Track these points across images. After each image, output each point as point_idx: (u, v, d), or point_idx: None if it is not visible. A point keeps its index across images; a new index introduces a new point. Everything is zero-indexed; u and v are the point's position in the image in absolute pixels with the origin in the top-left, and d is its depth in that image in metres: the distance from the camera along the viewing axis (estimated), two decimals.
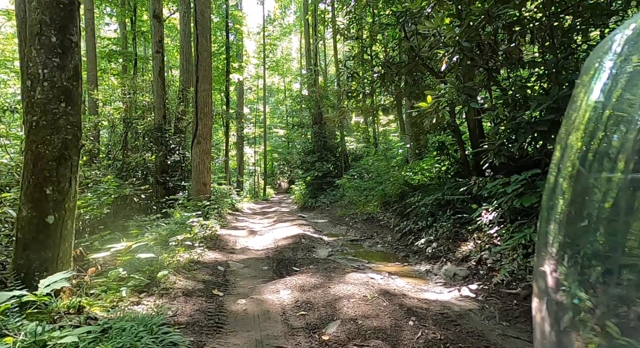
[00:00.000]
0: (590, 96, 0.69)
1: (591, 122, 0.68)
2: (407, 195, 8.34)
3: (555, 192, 0.71)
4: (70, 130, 2.86)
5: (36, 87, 2.74)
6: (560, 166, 0.71)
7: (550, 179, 0.74)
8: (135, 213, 9.18)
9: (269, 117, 35.99)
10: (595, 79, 0.70)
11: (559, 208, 0.70)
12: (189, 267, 4.44)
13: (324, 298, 3.46)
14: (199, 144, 9.50)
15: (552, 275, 0.69)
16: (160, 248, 4.49)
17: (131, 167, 10.78)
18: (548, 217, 0.72)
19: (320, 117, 16.51)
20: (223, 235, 7.13)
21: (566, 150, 0.71)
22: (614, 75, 0.66)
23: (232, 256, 5.60)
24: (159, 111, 12.39)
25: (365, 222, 8.75)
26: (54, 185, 2.80)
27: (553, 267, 0.68)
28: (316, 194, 14.81)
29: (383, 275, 4.39)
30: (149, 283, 3.50)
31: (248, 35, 33.37)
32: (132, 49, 19.39)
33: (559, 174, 0.72)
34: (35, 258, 2.73)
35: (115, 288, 3.28)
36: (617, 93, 0.65)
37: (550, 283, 0.69)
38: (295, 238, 6.76)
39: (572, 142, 0.70)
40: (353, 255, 5.91)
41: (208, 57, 9.79)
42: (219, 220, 9.29)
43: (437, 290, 3.90)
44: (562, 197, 0.71)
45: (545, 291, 0.70)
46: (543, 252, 0.71)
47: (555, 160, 0.73)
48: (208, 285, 3.97)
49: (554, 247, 0.69)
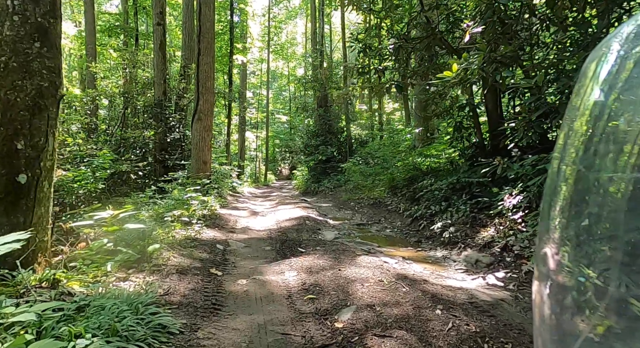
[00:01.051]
0: (595, 83, 0.68)
1: (596, 107, 0.67)
2: (417, 180, 7.93)
3: (559, 177, 0.71)
4: (46, 75, 2.43)
5: (4, 21, 2.30)
6: (564, 153, 0.71)
7: (553, 164, 0.74)
8: (133, 191, 8.79)
9: (271, 102, 35.40)
10: (601, 65, 0.68)
11: (561, 195, 0.71)
12: (185, 244, 4.06)
13: (334, 281, 3.08)
14: (199, 120, 9.05)
15: (554, 258, 0.68)
16: (154, 223, 4.10)
17: (129, 143, 10.34)
18: (551, 202, 0.72)
19: (325, 99, 15.97)
20: (223, 214, 6.76)
21: (570, 137, 0.71)
22: (622, 58, 0.65)
23: (232, 235, 5.22)
24: (159, 87, 11.90)
25: (372, 207, 8.36)
26: (27, 139, 2.38)
27: (555, 250, 0.68)
28: (319, 179, 14.40)
29: (397, 259, 4.01)
30: (139, 258, 3.12)
31: (253, 17, 32.49)
32: (134, 25, 18.75)
33: (562, 160, 0.71)
34: (4, 223, 2.34)
35: (101, 262, 2.90)
36: (624, 75, 0.64)
37: (552, 266, 0.68)
38: (299, 219, 6.38)
39: (576, 127, 0.70)
40: (361, 238, 5.53)
41: (211, 28, 9.24)
42: (219, 200, 8.92)
43: (459, 277, 3.52)
44: (564, 183, 0.71)
45: (547, 274, 0.69)
46: (545, 236, 0.71)
47: (559, 146, 0.73)
48: (205, 263, 3.59)
49: (556, 231, 0.69)
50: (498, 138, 6.26)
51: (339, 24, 32.32)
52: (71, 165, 7.61)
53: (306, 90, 18.98)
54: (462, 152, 7.41)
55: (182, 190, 7.68)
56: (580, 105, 0.68)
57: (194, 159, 9.15)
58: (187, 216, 4.92)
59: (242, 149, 25.52)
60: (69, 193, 7.09)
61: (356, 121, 17.24)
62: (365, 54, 7.38)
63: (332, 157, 14.51)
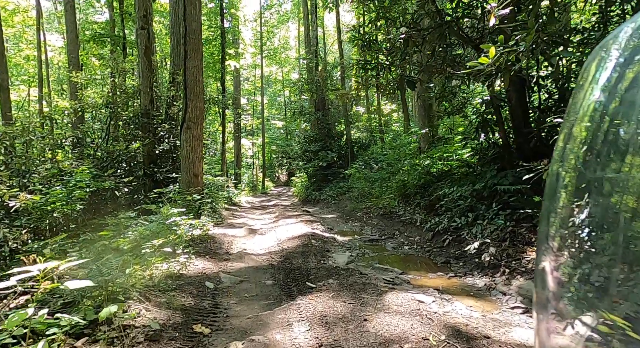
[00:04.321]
0: (594, 86, 0.66)
1: (596, 111, 0.64)
2: (431, 186, 7.15)
3: (558, 181, 0.69)
4: None
5: None
6: (563, 157, 0.69)
7: (552, 168, 0.72)
8: (121, 209, 7.94)
9: (266, 108, 34.71)
10: (600, 71, 0.66)
11: (560, 200, 0.69)
12: (166, 285, 3.23)
13: (360, 340, 2.27)
14: (188, 128, 8.24)
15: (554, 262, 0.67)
16: (126, 260, 3.28)
17: (114, 157, 9.51)
18: (550, 207, 0.72)
19: (323, 102, 15.19)
20: (217, 235, 5.93)
21: (569, 141, 0.69)
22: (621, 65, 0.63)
23: (226, 264, 4.40)
24: (145, 95, 11.11)
25: (383, 218, 7.56)
26: None
27: (554, 254, 0.66)
28: (320, 186, 13.59)
29: (431, 294, 3.20)
30: (94, 320, 2.29)
31: (244, 23, 31.82)
32: (121, 32, 17.98)
33: (562, 164, 0.69)
34: None
35: (41, 329, 2.09)
36: (632, 72, 0.62)
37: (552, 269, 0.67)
38: (303, 238, 5.57)
39: (575, 132, 0.68)
40: (378, 260, 4.72)
41: (198, 29, 8.48)
42: (213, 216, 8.10)
43: (523, 321, 2.71)
44: (564, 190, 0.69)
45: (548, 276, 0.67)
46: (544, 237, 0.71)
47: (558, 149, 0.71)
48: (189, 315, 2.77)
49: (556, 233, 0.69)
50: (526, 136, 5.51)
51: (331, 27, 31.79)
52: (44, 186, 6.78)
53: (302, 93, 18.20)
54: (480, 153, 6.62)
55: (171, 208, 6.87)
56: (580, 108, 0.65)
57: (183, 172, 8.32)
58: (170, 245, 4.10)
59: (239, 157, 24.72)
60: (42, 218, 6.25)
61: (355, 124, 16.46)
62: (369, 48, 6.62)
63: (332, 162, 13.72)
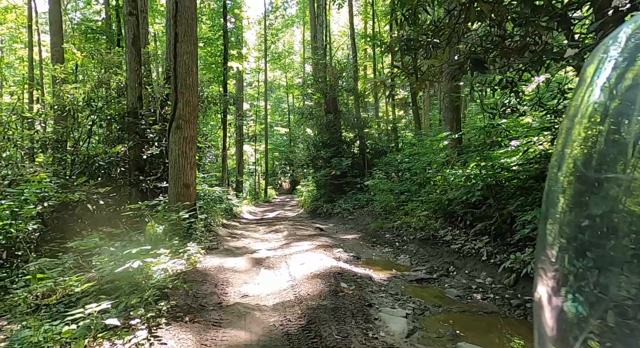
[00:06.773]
0: (593, 89, 0.65)
1: (595, 113, 0.64)
2: (484, 203, 5.50)
3: (556, 186, 0.68)
4: None
5: None
6: (561, 161, 0.68)
7: (551, 171, 0.71)
8: (101, 226, 6.30)
9: (270, 114, 33.27)
10: (599, 73, 0.65)
11: (559, 205, 0.67)
12: None
13: None
14: (178, 128, 6.66)
15: (554, 262, 0.63)
16: None
17: (90, 162, 7.93)
18: (548, 211, 0.70)
19: (335, 104, 13.63)
20: (208, 271, 4.30)
21: (567, 144, 0.68)
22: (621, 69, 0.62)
23: (215, 336, 2.74)
24: (132, 91, 9.51)
25: (422, 243, 5.90)
26: None
27: (554, 256, 0.63)
28: (332, 198, 11.95)
29: None
30: None
31: (248, 25, 30.55)
32: (116, 29, 16.55)
33: (559, 169, 0.68)
34: None
35: None
36: (632, 72, 0.60)
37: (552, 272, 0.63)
38: (328, 279, 3.92)
39: (574, 135, 0.67)
40: (452, 324, 3.08)
41: (192, 6, 6.96)
42: (206, 238, 6.47)
43: None
44: (562, 195, 0.68)
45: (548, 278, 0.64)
46: (544, 239, 0.68)
47: (556, 154, 0.71)
48: None
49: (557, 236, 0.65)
50: None
51: (337, 31, 30.52)
52: None
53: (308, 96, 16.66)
54: None
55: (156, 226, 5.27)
56: (578, 111, 0.66)
57: (172, 181, 6.72)
58: (122, 309, 2.47)
59: (240, 164, 23.12)
60: None
61: (372, 127, 14.86)
62: (411, 22, 5.06)
63: (346, 171, 12.10)
